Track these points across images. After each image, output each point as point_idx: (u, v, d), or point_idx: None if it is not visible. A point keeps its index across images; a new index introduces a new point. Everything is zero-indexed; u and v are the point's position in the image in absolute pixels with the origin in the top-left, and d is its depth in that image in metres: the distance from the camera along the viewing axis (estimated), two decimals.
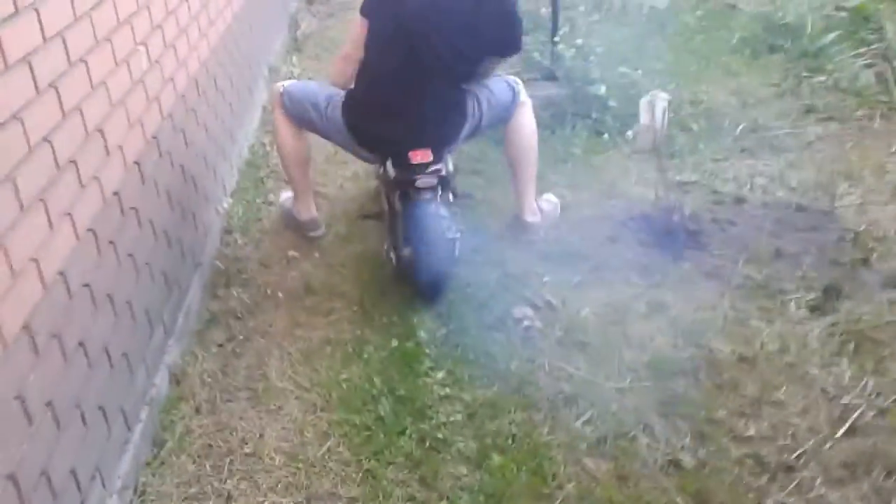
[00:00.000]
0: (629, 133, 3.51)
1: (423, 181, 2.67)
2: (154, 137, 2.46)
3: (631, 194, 3.39)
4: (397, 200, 2.74)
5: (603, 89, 4.06)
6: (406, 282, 2.79)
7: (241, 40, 4.04)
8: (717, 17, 5.49)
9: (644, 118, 3.07)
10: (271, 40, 5.04)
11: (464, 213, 3.09)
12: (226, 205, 3.34)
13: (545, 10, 5.15)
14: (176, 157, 2.69)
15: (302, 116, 2.99)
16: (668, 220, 3.09)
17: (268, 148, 4.03)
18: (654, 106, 3.06)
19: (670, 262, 2.92)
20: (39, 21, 1.71)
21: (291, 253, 3.09)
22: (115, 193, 2.09)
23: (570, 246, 3.00)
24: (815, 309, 2.62)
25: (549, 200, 3.22)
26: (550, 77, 4.24)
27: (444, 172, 2.71)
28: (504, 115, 3.03)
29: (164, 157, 2.54)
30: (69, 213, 1.79)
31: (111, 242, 2.03)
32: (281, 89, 3.06)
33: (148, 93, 2.44)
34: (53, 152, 1.73)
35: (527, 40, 4.49)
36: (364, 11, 2.79)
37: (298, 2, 6.45)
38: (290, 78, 4.56)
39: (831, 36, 4.59)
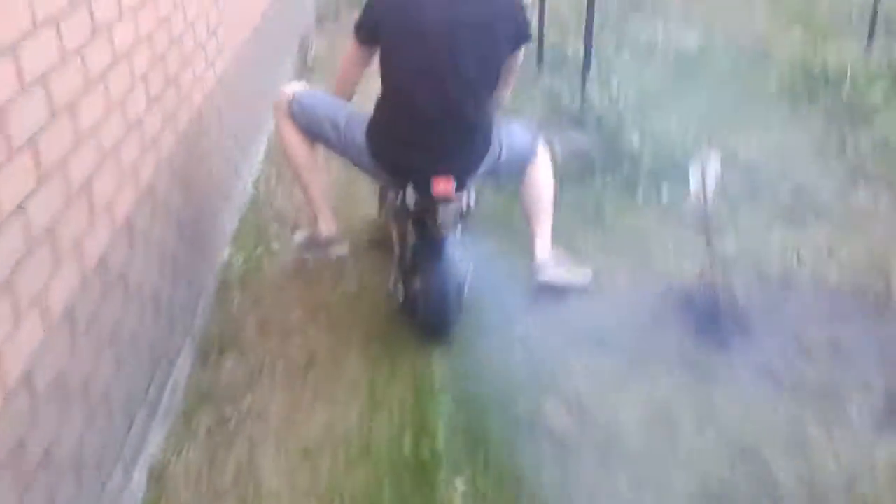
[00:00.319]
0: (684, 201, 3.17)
1: (443, 213, 2.47)
2: (149, 187, 2.16)
3: (669, 266, 3.09)
4: (412, 231, 2.59)
5: (636, 140, 3.77)
6: (411, 319, 2.65)
7: (250, 66, 3.75)
8: (750, 63, 5.21)
9: (694, 185, 2.78)
10: (280, 64, 4.75)
11: (484, 267, 2.82)
12: (225, 255, 3.04)
13: (573, 49, 4.90)
14: (173, 206, 2.39)
15: (315, 130, 2.80)
16: (713, 301, 2.79)
17: (273, 183, 3.74)
18: (706, 169, 2.77)
19: (716, 352, 2.62)
20: (17, 65, 1.41)
21: (295, 314, 2.79)
22: (100, 261, 1.79)
23: (604, 328, 2.70)
24: (882, 425, 2.32)
25: (579, 271, 2.94)
26: (578, 123, 3.96)
27: (465, 205, 2.59)
28: (523, 159, 2.90)
29: (159, 209, 2.24)
30: (40, 297, 1.48)
31: (91, 322, 1.72)
32: (289, 96, 2.81)
33: (145, 136, 2.14)
34: (27, 222, 1.43)
35: (553, 82, 4.24)
36: (364, 36, 2.67)
37: (308, 21, 6.16)
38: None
39: (877, 88, 4.30)
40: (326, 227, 2.89)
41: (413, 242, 2.60)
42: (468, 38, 2.53)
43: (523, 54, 2.81)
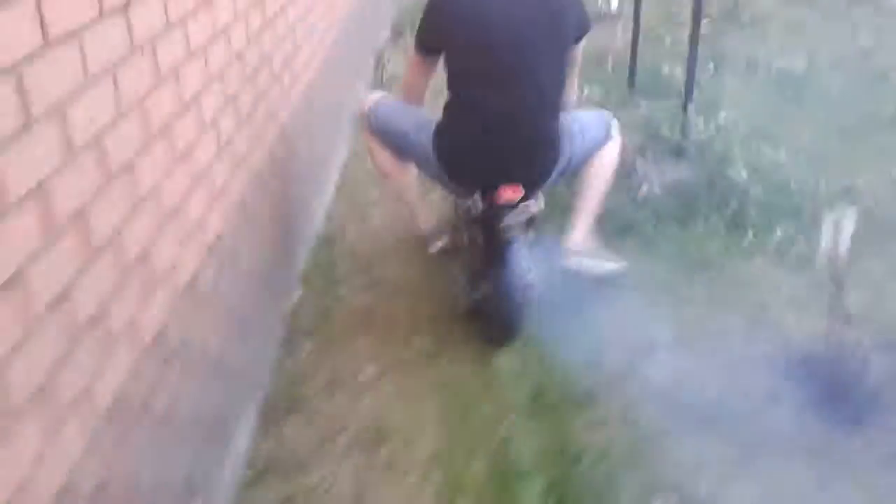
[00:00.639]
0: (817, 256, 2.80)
1: (510, 219, 2.46)
2: (217, 239, 1.93)
3: (786, 323, 2.73)
4: (480, 237, 2.56)
5: (744, 173, 3.41)
6: (479, 323, 2.63)
7: (327, 89, 3.53)
8: (864, 86, 4.76)
9: (827, 240, 2.45)
10: (356, 83, 4.53)
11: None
12: (295, 298, 2.81)
13: (669, 69, 4.55)
14: (243, 257, 2.17)
15: (390, 140, 2.84)
16: (842, 368, 2.43)
17: (344, 217, 3.51)
18: (840, 227, 2.43)
19: (847, 434, 2.26)
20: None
21: (366, 371, 2.53)
22: (159, 335, 1.56)
23: (714, 400, 2.36)
24: None
25: (605, 253, 2.86)
26: (678, 153, 3.62)
27: (533, 211, 2.53)
28: (597, 149, 2.83)
29: (226, 264, 2.01)
30: (83, 399, 1.25)
31: (144, 408, 1.50)
32: (368, 108, 2.88)
33: (215, 183, 1.92)
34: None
35: (651, 106, 3.91)
36: (425, 47, 2.65)
37: (384, 37, 5.95)
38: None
39: None
40: (425, 222, 3.05)
41: (481, 248, 2.57)
42: (535, 38, 2.47)
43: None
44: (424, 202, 3.08)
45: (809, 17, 6.19)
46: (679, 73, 4.54)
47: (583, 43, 2.69)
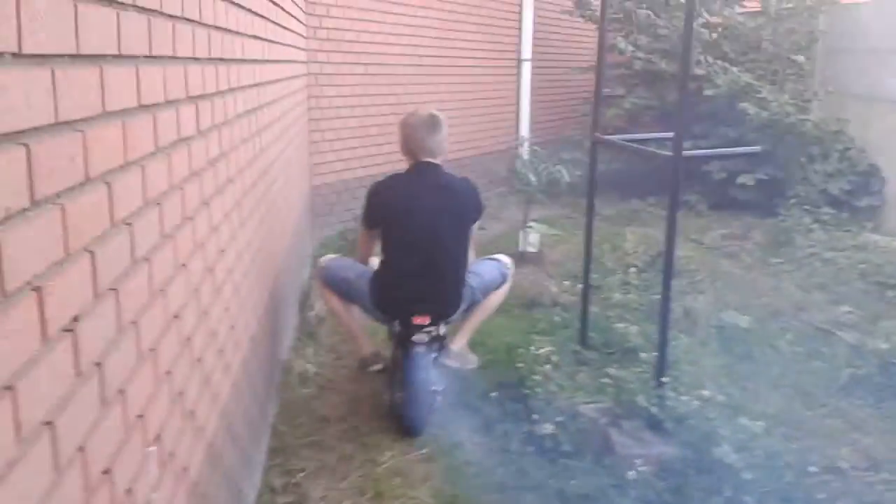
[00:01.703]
0: None
1: (417, 337, 3.49)
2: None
3: None
4: (397, 351, 3.57)
5: (732, 455, 3.06)
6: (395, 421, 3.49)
7: (261, 348, 3.04)
8: (811, 345, 4.65)
9: None
10: (285, 331, 4.06)
11: None
12: None
13: (624, 325, 4.34)
14: None
15: (338, 286, 3.79)
16: None
17: (280, 501, 2.90)
18: None
19: None
20: None
21: None
22: None
23: None
24: None
25: (471, 357, 3.98)
26: (655, 426, 3.26)
27: (437, 333, 3.54)
28: (494, 289, 3.90)
29: None
30: None
31: None
32: (323, 265, 3.90)
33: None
34: None
35: (623, 375, 3.61)
36: (369, 224, 3.73)
37: (308, 270, 5.59)
38: (306, 374, 3.92)
39: None
40: (366, 348, 3.92)
41: (399, 361, 3.55)
42: (445, 220, 3.56)
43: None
44: (365, 335, 3.96)
45: (730, 268, 6.27)
46: (634, 330, 4.33)
47: (477, 223, 3.82)
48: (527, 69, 9.31)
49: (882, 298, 5.59)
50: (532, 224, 6.36)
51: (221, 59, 2.41)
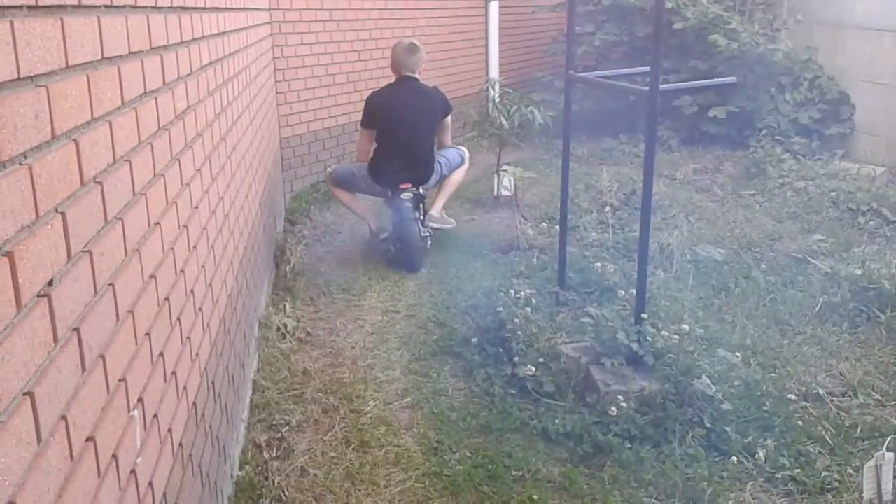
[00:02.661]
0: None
1: (405, 195, 4.91)
2: None
3: None
4: (393, 216, 4.96)
5: (712, 386, 3.11)
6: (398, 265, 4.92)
7: (238, 305, 3.01)
8: (786, 274, 4.71)
9: (868, 490, 2.12)
10: (261, 286, 4.03)
11: None
12: None
13: (614, 272, 4.35)
14: None
15: (345, 180, 5.21)
16: None
17: (265, 456, 2.90)
18: (881, 473, 2.11)
19: None
20: None
21: None
22: None
23: None
24: None
25: (447, 219, 5.44)
26: (636, 362, 3.29)
27: (417, 193, 5.01)
28: (456, 167, 5.37)
29: None
30: None
31: None
32: (331, 171, 5.36)
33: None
34: None
35: (603, 313, 3.63)
36: (366, 125, 5.19)
37: (280, 230, 5.53)
38: (285, 329, 3.87)
39: None
40: (374, 223, 5.24)
41: (394, 220, 4.93)
42: (419, 117, 5.03)
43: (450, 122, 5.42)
44: (371, 214, 5.28)
45: (703, 201, 6.30)
46: (610, 269, 4.35)
47: (449, 117, 5.32)
48: (494, 9, 9.16)
49: (854, 225, 5.67)
50: (506, 167, 6.33)
51: (184, 8, 2.33)
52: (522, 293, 3.93)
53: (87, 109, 1.38)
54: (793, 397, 3.33)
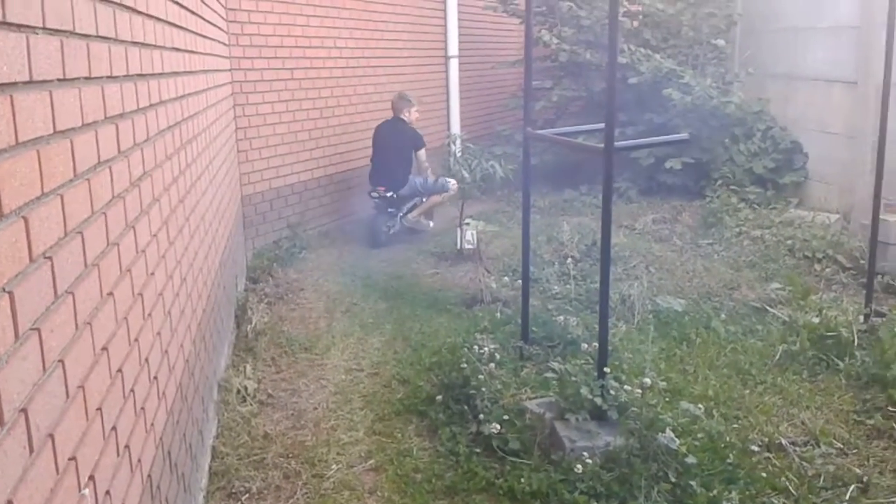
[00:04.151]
0: None
1: (374, 193, 7.00)
2: None
3: None
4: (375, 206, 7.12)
5: (676, 440, 3.12)
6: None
7: (196, 370, 2.97)
8: (745, 323, 4.78)
9: None
10: (221, 348, 3.97)
11: None
12: None
13: (577, 325, 4.38)
14: None
15: None
16: None
17: None
18: None
19: None
20: None
21: None
22: None
23: None
24: None
25: (424, 222, 7.48)
26: (601, 417, 3.29)
27: (389, 195, 6.99)
28: (432, 193, 7.29)
29: None
30: None
31: None
32: None
33: None
34: None
35: (566, 367, 3.63)
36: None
37: (243, 283, 5.49)
38: (245, 392, 3.79)
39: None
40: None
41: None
42: (394, 145, 7.08)
43: (424, 154, 7.30)
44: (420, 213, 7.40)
45: (662, 251, 6.39)
46: (573, 322, 4.37)
47: (422, 150, 7.21)
48: (454, 66, 9.32)
49: (810, 272, 5.78)
50: (468, 221, 6.37)
51: (140, 75, 2.34)
52: (486, 348, 3.92)
53: (38, 185, 1.37)
54: (756, 448, 3.35)
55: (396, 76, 8.27)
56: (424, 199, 7.31)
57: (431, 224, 7.43)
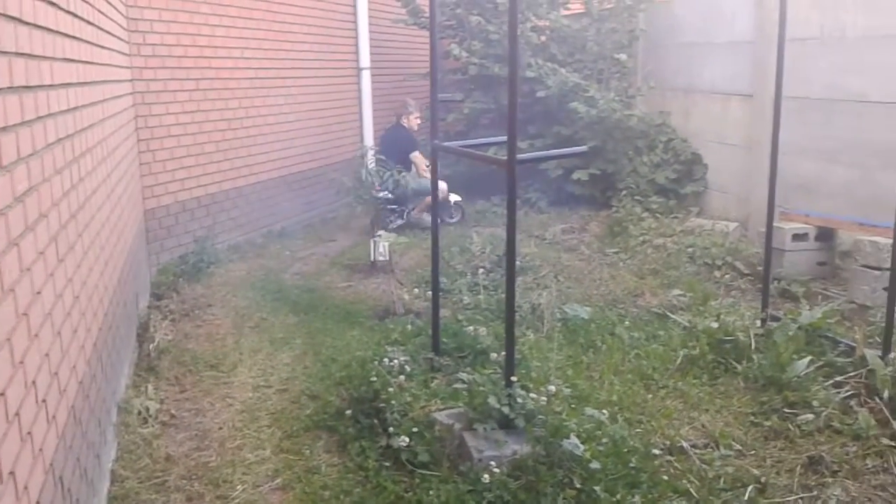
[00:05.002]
0: None
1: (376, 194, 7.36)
2: None
3: None
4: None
5: (580, 446, 3.18)
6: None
7: (92, 391, 2.86)
8: (648, 329, 4.92)
9: None
10: (121, 368, 3.84)
11: None
12: None
13: (473, 328, 4.41)
14: None
15: None
16: None
17: None
18: None
19: None
20: None
21: None
22: None
23: None
24: None
25: (423, 219, 7.87)
26: (509, 426, 3.32)
27: (382, 195, 7.18)
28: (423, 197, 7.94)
29: None
30: None
31: None
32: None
33: None
34: None
35: (475, 378, 3.66)
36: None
37: (146, 299, 5.33)
38: (147, 413, 3.67)
39: (804, 362, 4.03)
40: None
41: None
42: (390, 147, 7.93)
43: (418, 156, 8.12)
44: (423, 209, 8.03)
45: (570, 261, 6.52)
46: (483, 331, 4.41)
47: (415, 153, 8.15)
48: (366, 77, 9.31)
49: (710, 279, 6.00)
50: (381, 233, 6.36)
51: (26, 87, 2.24)
52: (397, 360, 3.92)
53: None
54: (658, 452, 3.44)
55: (308, 87, 8.21)
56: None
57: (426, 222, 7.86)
